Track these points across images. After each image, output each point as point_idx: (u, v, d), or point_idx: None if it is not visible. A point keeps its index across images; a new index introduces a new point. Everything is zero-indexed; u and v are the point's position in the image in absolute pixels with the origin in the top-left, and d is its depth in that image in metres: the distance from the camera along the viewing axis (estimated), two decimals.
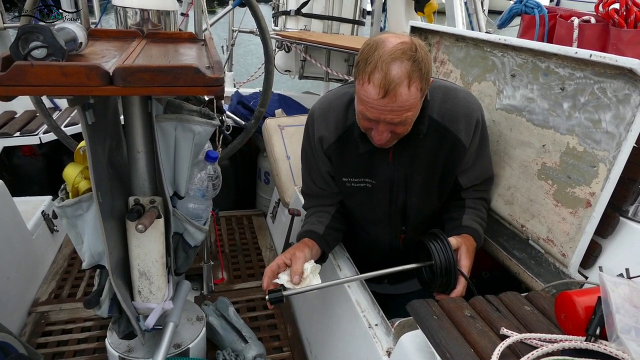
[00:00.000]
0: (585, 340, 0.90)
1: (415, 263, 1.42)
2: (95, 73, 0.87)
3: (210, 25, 1.76)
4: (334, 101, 1.49)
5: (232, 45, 3.70)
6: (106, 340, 1.50)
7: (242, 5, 3.13)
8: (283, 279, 1.29)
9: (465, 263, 1.37)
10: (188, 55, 1.28)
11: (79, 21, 1.64)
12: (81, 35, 1.10)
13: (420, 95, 1.23)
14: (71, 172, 1.20)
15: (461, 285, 1.35)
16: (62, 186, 1.26)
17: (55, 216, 1.21)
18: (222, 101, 2.27)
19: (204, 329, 1.61)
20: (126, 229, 1.27)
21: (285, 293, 1.26)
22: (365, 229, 1.63)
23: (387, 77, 1.15)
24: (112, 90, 0.89)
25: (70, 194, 1.21)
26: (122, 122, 1.32)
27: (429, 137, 1.42)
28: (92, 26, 1.74)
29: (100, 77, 0.88)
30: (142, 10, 1.55)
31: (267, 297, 1.25)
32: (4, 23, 3.22)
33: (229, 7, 3.48)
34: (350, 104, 1.46)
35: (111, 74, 0.89)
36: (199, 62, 1.16)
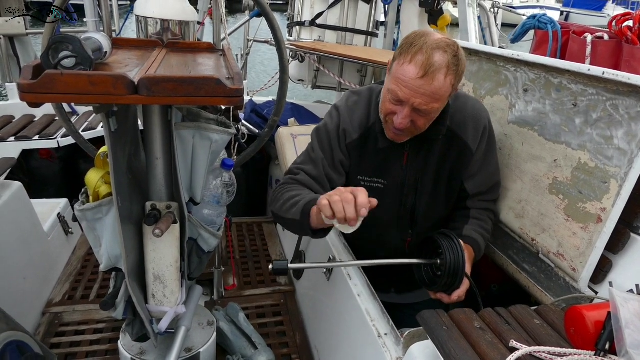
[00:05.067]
0: (595, 355, 0.90)
1: (421, 259, 1.44)
2: (121, 82, 0.90)
3: (229, 35, 1.79)
4: (359, 102, 1.53)
5: (247, 54, 3.76)
6: (119, 342, 1.53)
7: (258, 15, 3.19)
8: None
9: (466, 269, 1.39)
10: (207, 65, 1.31)
11: (102, 29, 1.70)
12: (106, 45, 1.14)
13: (450, 92, 1.28)
14: (93, 177, 1.23)
15: (464, 287, 1.36)
16: (83, 190, 1.29)
17: (75, 219, 1.24)
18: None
19: (215, 333, 1.63)
20: (143, 233, 1.30)
21: (290, 266, 1.26)
22: (373, 230, 1.64)
23: (430, 60, 1.21)
24: (137, 99, 0.93)
25: (90, 198, 1.25)
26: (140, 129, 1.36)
27: (440, 140, 1.46)
28: (113, 34, 1.79)
29: (125, 87, 0.91)
30: (163, 20, 1.59)
31: (270, 266, 1.24)
32: (26, 29, 3.31)
33: (247, 17, 3.54)
34: (372, 103, 1.50)
35: (136, 83, 0.92)
36: (218, 72, 1.19)
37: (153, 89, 0.93)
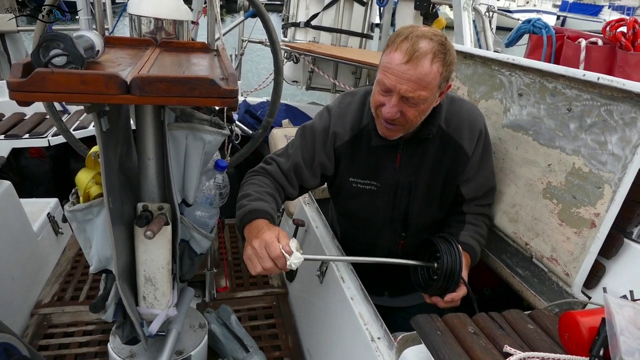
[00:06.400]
0: None
1: (417, 261, 1.44)
2: (114, 82, 0.89)
3: (223, 35, 1.78)
4: (352, 103, 1.53)
5: (242, 54, 3.75)
6: (108, 344, 1.50)
7: (253, 16, 3.18)
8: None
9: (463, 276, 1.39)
10: (201, 65, 1.30)
11: (95, 27, 1.67)
12: (98, 43, 1.12)
13: (438, 81, 1.27)
14: (84, 178, 1.21)
15: (461, 292, 1.36)
16: (73, 190, 1.27)
17: (65, 219, 1.23)
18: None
19: (206, 336, 1.61)
20: (134, 234, 1.28)
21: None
22: (366, 232, 1.64)
23: (414, 47, 1.22)
24: (129, 99, 0.91)
25: (81, 198, 1.23)
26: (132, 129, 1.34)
27: (434, 144, 1.46)
28: (106, 32, 1.77)
29: (118, 86, 0.89)
30: (157, 19, 1.57)
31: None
32: (17, 26, 3.27)
33: (241, 17, 3.53)
34: (366, 104, 1.50)
35: (129, 83, 0.91)
36: (212, 72, 1.18)
37: (146, 89, 0.91)
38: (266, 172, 1.53)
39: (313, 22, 3.62)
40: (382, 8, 3.90)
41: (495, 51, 2.62)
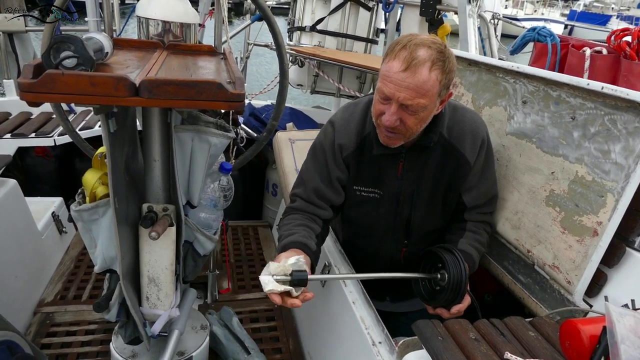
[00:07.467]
0: None
1: (420, 273, 1.45)
2: (123, 84, 0.90)
3: (230, 38, 1.79)
4: (355, 112, 1.53)
5: (247, 58, 3.76)
6: (111, 344, 1.51)
7: (260, 19, 3.20)
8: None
9: None
10: (208, 68, 1.31)
11: (103, 29, 1.69)
12: (107, 45, 1.13)
13: (437, 89, 1.27)
14: (90, 178, 1.23)
15: (465, 303, 1.37)
16: (80, 190, 1.28)
17: (70, 219, 1.24)
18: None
19: (208, 338, 1.62)
20: (139, 235, 1.29)
21: (310, 277, 1.26)
22: (368, 240, 1.64)
23: (412, 55, 1.23)
24: (138, 101, 0.92)
25: (87, 198, 1.24)
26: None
27: (436, 152, 1.46)
28: (114, 34, 1.79)
29: (126, 88, 0.91)
30: (164, 22, 1.59)
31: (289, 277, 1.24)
32: (26, 26, 3.30)
33: (248, 21, 3.54)
34: (368, 113, 1.50)
35: (137, 85, 0.92)
36: (218, 76, 1.19)
37: (154, 92, 0.93)
38: (293, 209, 1.54)
39: (319, 27, 3.63)
40: (387, 13, 3.91)
41: (500, 59, 2.62)
